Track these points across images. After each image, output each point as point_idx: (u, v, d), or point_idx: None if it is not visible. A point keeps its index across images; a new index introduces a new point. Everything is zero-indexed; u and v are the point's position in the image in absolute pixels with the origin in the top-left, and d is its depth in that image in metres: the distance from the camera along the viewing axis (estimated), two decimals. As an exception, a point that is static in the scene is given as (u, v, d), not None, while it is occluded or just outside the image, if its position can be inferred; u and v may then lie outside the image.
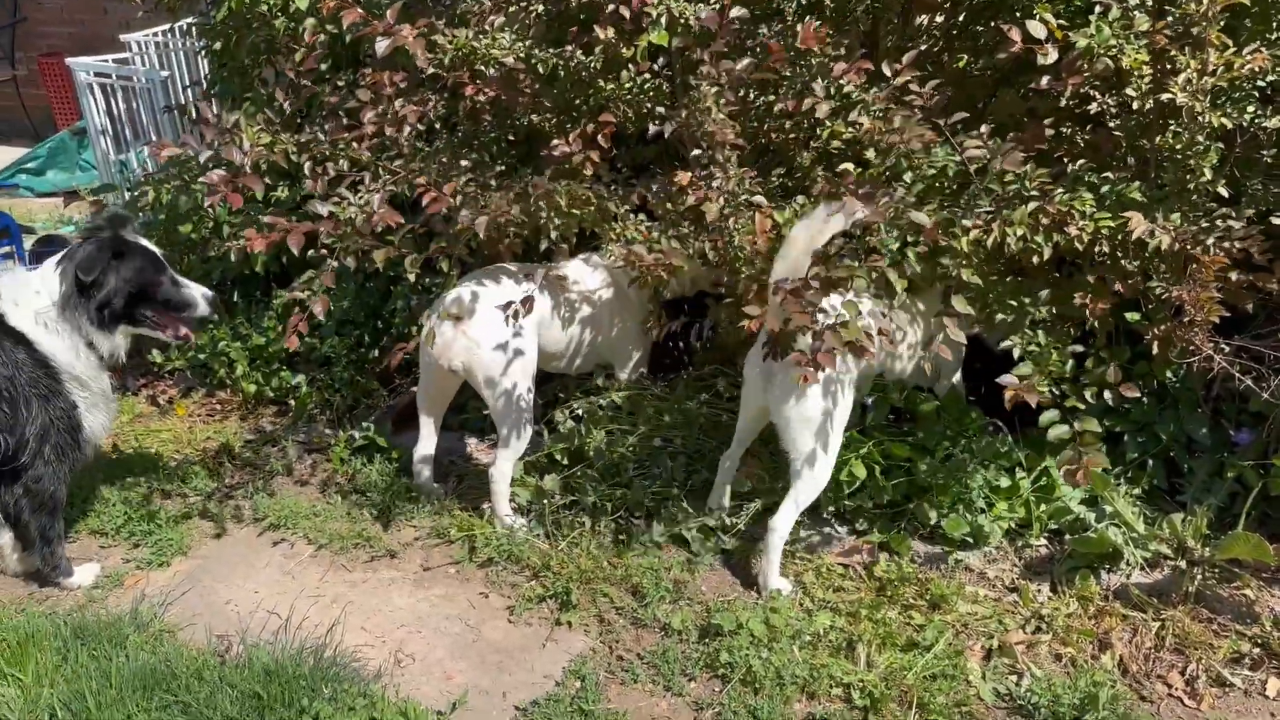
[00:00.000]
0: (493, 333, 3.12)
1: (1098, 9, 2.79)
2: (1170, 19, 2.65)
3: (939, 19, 3.59)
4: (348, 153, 3.15)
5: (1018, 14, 3.02)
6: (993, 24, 3.32)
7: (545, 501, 3.25)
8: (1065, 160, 2.96)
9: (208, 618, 2.96)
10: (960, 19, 3.55)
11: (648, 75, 3.33)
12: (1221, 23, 2.59)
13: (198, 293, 3.11)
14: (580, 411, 3.49)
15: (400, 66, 3.29)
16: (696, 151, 2.79)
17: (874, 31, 3.57)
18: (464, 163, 3.30)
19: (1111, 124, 2.85)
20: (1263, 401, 2.73)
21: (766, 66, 2.82)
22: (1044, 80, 2.83)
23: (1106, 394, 2.79)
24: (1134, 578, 2.83)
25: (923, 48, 3.53)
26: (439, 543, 3.26)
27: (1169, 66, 2.62)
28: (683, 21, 3.05)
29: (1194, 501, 2.92)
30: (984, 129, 2.86)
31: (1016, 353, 2.76)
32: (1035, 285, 2.88)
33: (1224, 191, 2.74)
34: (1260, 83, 2.69)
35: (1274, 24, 2.73)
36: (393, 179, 3.13)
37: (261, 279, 4.42)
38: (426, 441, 3.43)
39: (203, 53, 5.12)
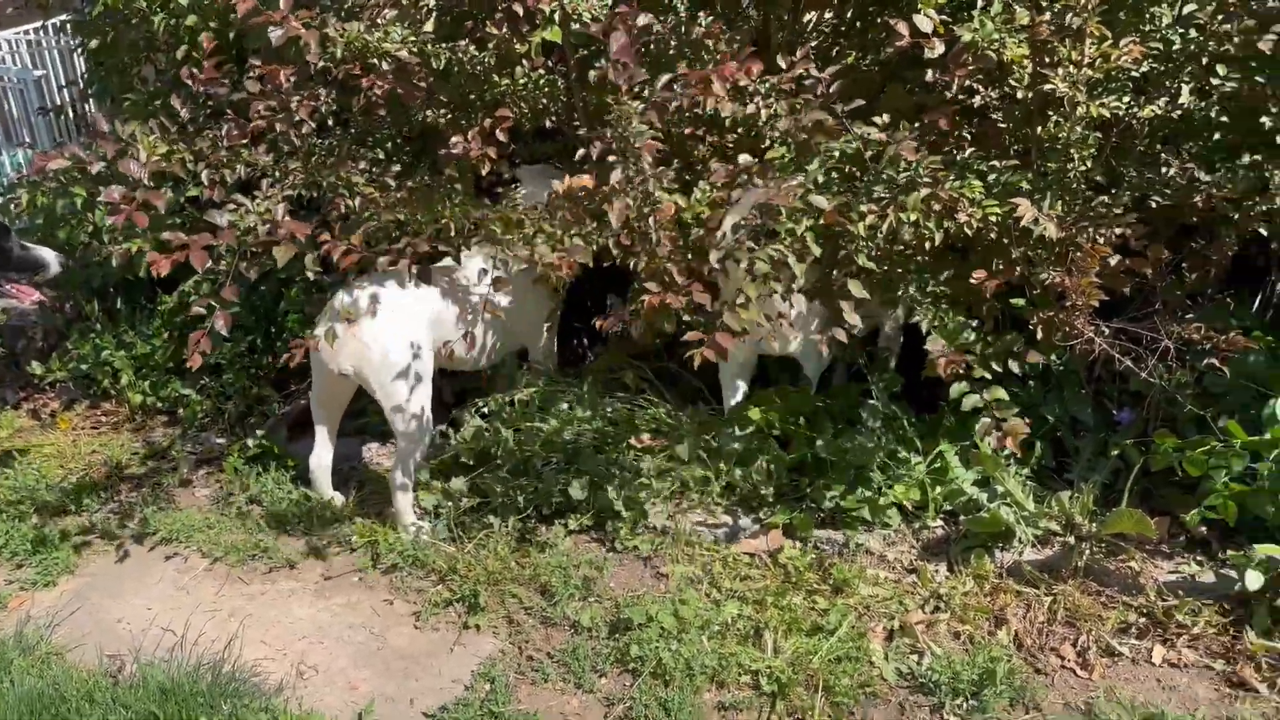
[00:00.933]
0: (384, 334, 3.06)
1: (979, 4, 2.88)
2: (1051, 13, 2.74)
3: (828, 15, 3.66)
4: (245, 158, 3.05)
5: (904, 9, 3.10)
6: (880, 20, 3.40)
7: (451, 504, 3.20)
8: (954, 150, 3.05)
9: (98, 637, 2.84)
10: (849, 15, 3.62)
11: (542, 71, 3.32)
12: (1099, 16, 2.69)
13: (47, 254, 3.18)
14: (487, 410, 3.45)
15: (290, 60, 3.21)
16: (613, 159, 2.77)
17: (765, 28, 3.61)
18: (360, 164, 3.23)
19: (994, 115, 2.94)
20: (1141, 381, 2.85)
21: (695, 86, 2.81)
22: (931, 74, 2.92)
23: (1013, 365, 2.87)
24: (1026, 555, 2.92)
25: (814, 44, 3.59)
26: (340, 551, 3.18)
27: (1049, 59, 2.72)
28: (575, 18, 3.05)
29: (1080, 479, 3.03)
30: (884, 119, 2.93)
31: (924, 327, 2.83)
32: (937, 266, 2.95)
33: (1101, 179, 2.86)
34: (1134, 73, 2.81)
35: (1147, 15, 2.85)
36: (290, 182, 3.05)
37: (146, 284, 4.26)
38: (323, 448, 3.34)
39: (79, 50, 4.91)
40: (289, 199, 2.94)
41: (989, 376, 2.75)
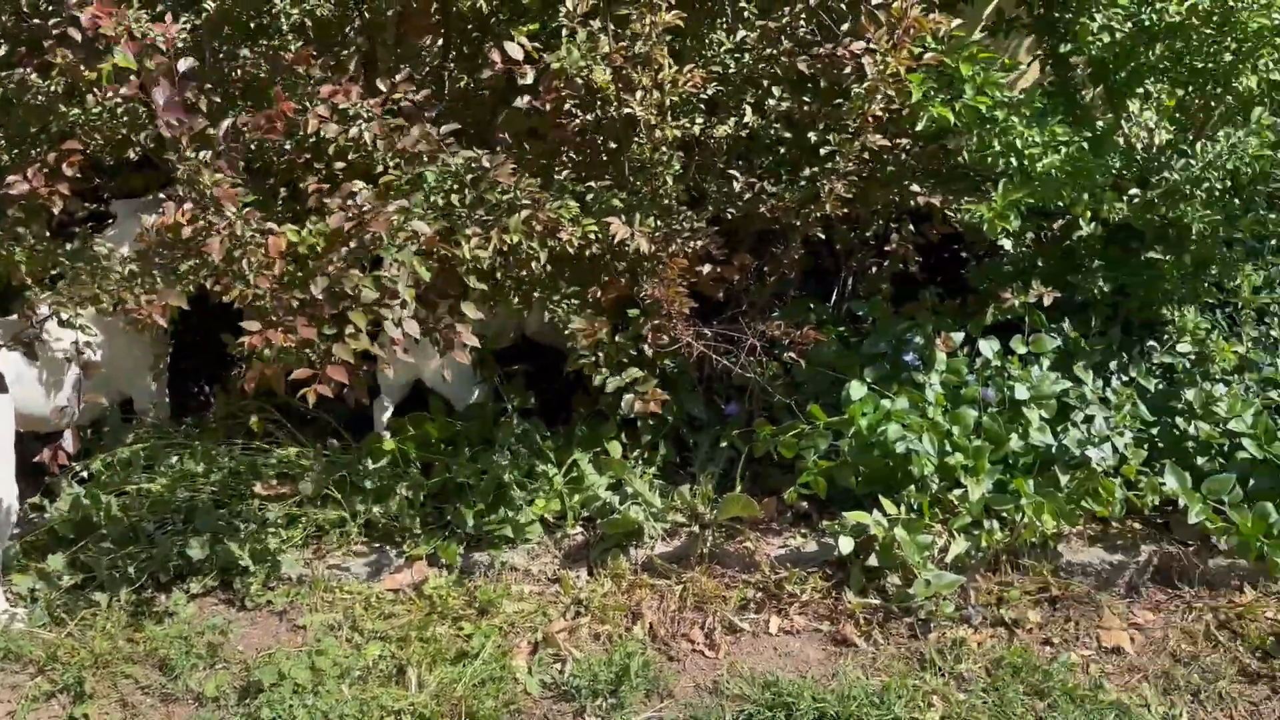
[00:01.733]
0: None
1: (565, 33, 3.01)
2: (625, 40, 2.91)
3: (439, 42, 3.67)
4: None
5: (499, 37, 3.17)
6: (482, 46, 3.46)
7: (48, 585, 2.86)
8: (556, 171, 3.17)
9: None
10: (456, 40, 3.65)
11: (119, 100, 3.05)
12: (667, 43, 2.89)
13: None
14: (87, 473, 3.12)
15: None
16: (189, 205, 2.60)
17: (372, 52, 3.57)
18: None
19: (588, 136, 3.08)
20: (740, 376, 3.11)
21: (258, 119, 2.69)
22: (527, 99, 3.01)
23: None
24: (657, 549, 3.07)
25: (426, 68, 3.60)
26: (-89, 657, 2.75)
27: (628, 84, 2.89)
28: (147, 44, 2.83)
29: (700, 471, 3.25)
30: (503, 136, 2.97)
31: (559, 322, 2.94)
32: (556, 280, 3.05)
33: (692, 195, 3.08)
34: (703, 96, 3.05)
35: (707, 42, 3.11)
36: None
37: None
38: (-121, 538, 2.87)
39: None
40: None
41: (625, 360, 2.90)
